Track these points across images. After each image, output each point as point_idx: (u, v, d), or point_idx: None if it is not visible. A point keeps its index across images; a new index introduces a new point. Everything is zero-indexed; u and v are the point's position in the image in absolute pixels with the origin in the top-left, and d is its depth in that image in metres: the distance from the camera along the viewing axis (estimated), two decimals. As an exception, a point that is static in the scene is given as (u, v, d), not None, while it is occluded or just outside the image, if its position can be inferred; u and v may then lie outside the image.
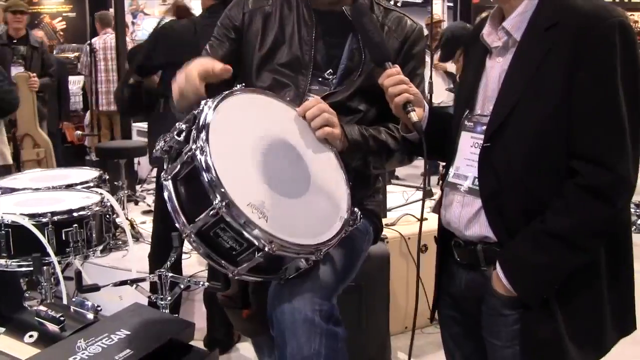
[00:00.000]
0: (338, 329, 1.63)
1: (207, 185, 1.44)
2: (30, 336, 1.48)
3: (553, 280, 1.49)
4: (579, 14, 1.44)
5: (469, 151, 1.60)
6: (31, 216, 2.54)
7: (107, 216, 2.85)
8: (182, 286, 2.36)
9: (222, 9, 2.05)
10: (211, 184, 1.44)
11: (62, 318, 1.50)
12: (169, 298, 2.34)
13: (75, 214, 2.64)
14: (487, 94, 1.59)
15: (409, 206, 4.77)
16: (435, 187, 5.38)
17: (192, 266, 3.76)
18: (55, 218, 2.57)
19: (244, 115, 1.65)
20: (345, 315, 1.70)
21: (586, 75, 1.42)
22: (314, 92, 1.87)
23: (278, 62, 1.88)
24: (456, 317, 1.73)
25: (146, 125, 4.56)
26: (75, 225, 2.61)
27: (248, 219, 1.45)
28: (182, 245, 2.45)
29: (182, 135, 1.53)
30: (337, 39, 1.89)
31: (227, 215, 1.44)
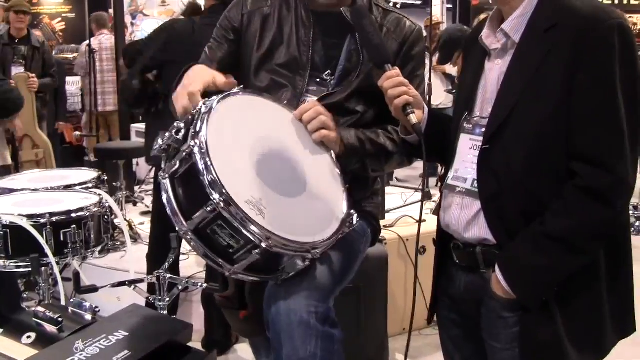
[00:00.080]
0: (334, 330, 1.63)
1: (205, 182, 1.45)
2: (28, 337, 1.48)
3: (552, 283, 1.49)
4: (578, 16, 1.45)
5: (468, 153, 1.60)
6: (29, 217, 2.54)
7: (106, 217, 2.85)
8: (180, 287, 2.36)
9: (223, 9, 2.05)
10: (209, 180, 1.45)
11: (60, 319, 1.50)
12: (167, 299, 2.34)
13: (73, 214, 2.65)
14: (486, 96, 1.59)
15: (407, 208, 4.77)
16: (434, 189, 5.38)
17: (190, 267, 3.75)
18: (54, 219, 2.57)
19: (242, 116, 1.66)
20: (343, 316, 1.70)
21: (585, 77, 1.42)
22: (312, 93, 1.87)
23: (276, 63, 1.88)
24: (455, 319, 1.73)
25: (145, 126, 4.56)
26: (74, 226, 2.61)
27: (246, 215, 1.45)
28: (180, 246, 2.45)
29: (180, 134, 1.54)
30: (335, 40, 1.89)
31: (224, 211, 1.44)
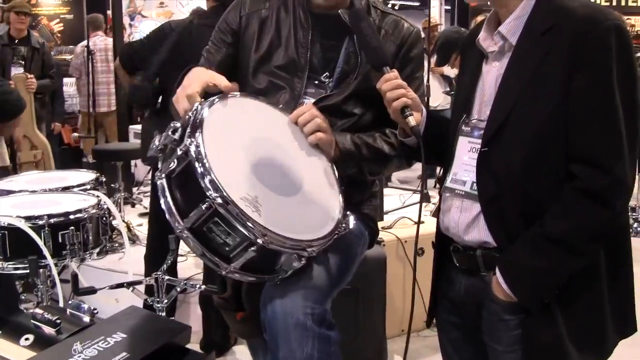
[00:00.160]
0: (331, 332, 1.63)
1: (201, 179, 1.45)
2: (26, 339, 1.47)
3: (553, 285, 1.49)
4: (575, 18, 1.45)
5: (466, 156, 1.61)
6: (28, 218, 2.54)
7: (104, 219, 2.85)
8: (178, 289, 2.37)
9: (222, 10, 2.05)
10: (205, 178, 1.45)
11: (58, 321, 1.49)
12: (166, 301, 2.34)
13: (72, 216, 2.64)
14: (483, 98, 1.59)
15: (405, 209, 4.78)
16: (432, 190, 5.38)
17: (189, 269, 3.76)
18: (52, 220, 2.57)
19: (238, 117, 1.67)
20: (341, 318, 1.70)
21: (583, 78, 1.42)
22: (310, 95, 1.87)
23: (274, 65, 1.88)
24: (455, 322, 1.73)
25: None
26: (72, 228, 2.61)
27: (241, 211, 1.46)
28: (178, 247, 2.45)
29: (176, 134, 1.55)
30: (333, 42, 1.89)
31: (220, 207, 1.45)
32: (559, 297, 1.49)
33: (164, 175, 1.55)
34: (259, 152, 1.63)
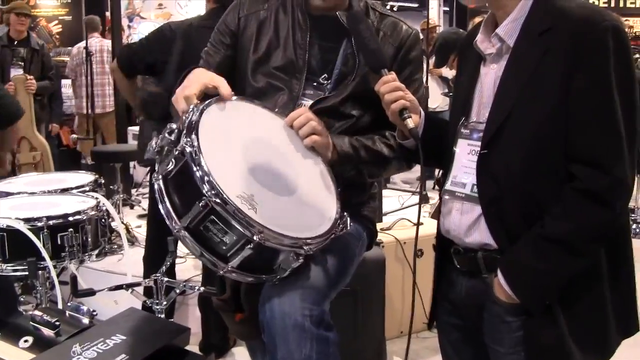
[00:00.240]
0: (329, 333, 1.63)
1: (197, 177, 1.46)
2: (25, 341, 1.47)
3: (554, 286, 1.49)
4: (572, 19, 1.45)
5: (466, 158, 1.61)
6: (26, 220, 2.53)
7: (103, 220, 2.85)
8: (177, 291, 2.36)
9: (222, 11, 2.06)
10: (201, 176, 1.46)
11: (58, 323, 1.49)
12: (165, 302, 2.34)
13: (70, 218, 2.64)
14: (482, 100, 1.59)
15: (404, 210, 4.78)
16: (431, 192, 5.38)
17: (187, 270, 3.75)
18: (51, 222, 2.57)
19: (235, 119, 1.68)
20: (340, 319, 1.71)
21: (582, 79, 1.42)
22: (308, 96, 1.87)
23: (273, 66, 1.89)
24: (456, 323, 1.73)
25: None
26: (71, 230, 2.60)
27: (238, 208, 1.46)
28: (176, 249, 2.45)
29: (173, 135, 1.56)
30: (331, 43, 1.89)
31: (217, 205, 1.45)
32: (560, 298, 1.49)
33: (160, 177, 1.56)
34: (255, 155, 1.64)
